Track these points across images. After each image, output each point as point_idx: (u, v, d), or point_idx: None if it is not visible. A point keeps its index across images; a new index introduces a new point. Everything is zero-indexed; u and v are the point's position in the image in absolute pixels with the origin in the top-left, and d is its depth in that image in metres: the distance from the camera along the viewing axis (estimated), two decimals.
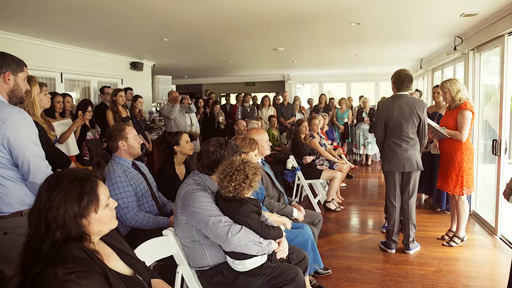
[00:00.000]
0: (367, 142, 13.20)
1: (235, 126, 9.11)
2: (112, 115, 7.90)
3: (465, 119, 5.63)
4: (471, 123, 5.71)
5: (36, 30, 7.25)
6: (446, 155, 5.91)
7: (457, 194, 5.80)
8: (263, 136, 5.16)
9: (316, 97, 15.39)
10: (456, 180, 5.76)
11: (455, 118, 5.73)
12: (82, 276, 1.81)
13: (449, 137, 5.76)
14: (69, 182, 1.97)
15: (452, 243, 5.94)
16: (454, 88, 5.75)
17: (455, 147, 5.76)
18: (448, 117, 5.90)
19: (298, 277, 3.28)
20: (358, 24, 7.07)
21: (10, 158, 3.00)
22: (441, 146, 6.03)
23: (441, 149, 6.05)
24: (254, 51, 10.74)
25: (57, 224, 1.90)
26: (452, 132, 5.73)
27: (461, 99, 5.72)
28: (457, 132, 5.69)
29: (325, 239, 6.34)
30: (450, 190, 5.84)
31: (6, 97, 3.12)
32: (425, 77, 12.70)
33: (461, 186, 5.76)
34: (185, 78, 18.98)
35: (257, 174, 3.18)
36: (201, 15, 6.34)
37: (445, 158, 5.93)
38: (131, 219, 4.01)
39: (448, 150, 5.85)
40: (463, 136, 5.66)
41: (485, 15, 6.37)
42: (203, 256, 3.30)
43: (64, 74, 9.05)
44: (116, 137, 4.26)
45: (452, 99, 5.79)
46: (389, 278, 5.01)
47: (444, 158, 5.96)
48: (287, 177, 8.16)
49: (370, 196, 9.53)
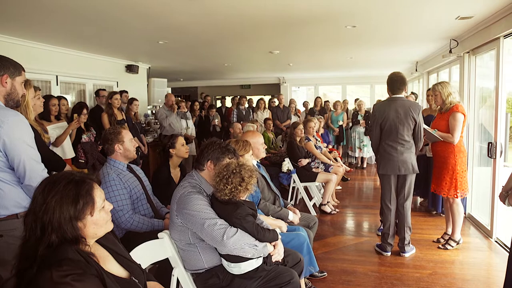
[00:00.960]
0: (363, 145, 13.19)
1: (231, 129, 9.10)
2: (108, 118, 7.89)
3: (457, 121, 5.66)
4: (463, 125, 5.74)
5: (32, 33, 7.25)
6: (439, 158, 5.93)
7: (452, 197, 5.80)
8: (258, 138, 5.16)
9: (312, 99, 15.39)
10: (450, 183, 5.78)
11: (447, 121, 5.76)
12: (77, 278, 1.81)
13: (441, 140, 5.79)
14: (65, 185, 1.97)
15: (448, 246, 5.95)
16: (445, 91, 5.81)
17: (448, 150, 5.80)
18: (439, 120, 5.93)
19: (293, 280, 3.28)
20: (354, 27, 7.08)
21: (6, 160, 3.00)
22: (434, 149, 6.05)
23: (434, 152, 6.07)
24: (250, 54, 10.75)
25: (52, 227, 1.90)
26: (444, 135, 5.75)
27: (451, 102, 5.77)
28: (449, 134, 5.72)
29: (321, 242, 6.34)
30: (444, 193, 5.86)
31: (3, 100, 3.13)
32: (421, 80, 12.75)
33: (455, 189, 5.77)
34: (180, 81, 18.99)
35: (253, 177, 3.19)
36: (196, 17, 6.34)
37: (438, 161, 5.95)
38: (126, 222, 4.00)
39: (441, 153, 5.88)
40: (454, 138, 5.69)
41: (481, 18, 6.39)
42: (199, 259, 3.29)
43: (59, 77, 9.03)
44: (112, 140, 4.25)
45: (443, 102, 5.84)
46: (384, 281, 5.01)
47: (437, 161, 5.98)
48: (283, 179, 8.17)
49: (365, 199, 9.53)
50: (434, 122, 6.06)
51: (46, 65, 8.54)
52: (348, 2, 5.58)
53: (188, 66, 13.48)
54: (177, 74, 16.22)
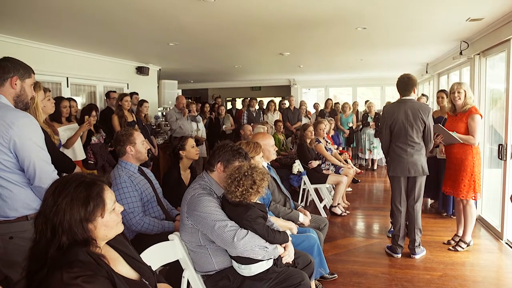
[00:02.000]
0: (373, 146, 13.14)
1: (241, 131, 9.10)
2: (118, 119, 7.91)
3: (476, 123, 5.64)
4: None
5: (42, 35, 7.29)
6: (455, 160, 5.86)
7: (470, 198, 5.77)
8: (269, 140, 5.16)
9: (322, 101, 15.35)
10: (469, 185, 5.74)
11: (465, 123, 5.73)
12: (88, 280, 1.82)
13: (459, 142, 5.73)
14: (75, 187, 1.98)
15: (458, 248, 5.92)
16: (469, 92, 5.80)
17: (466, 151, 5.75)
18: (455, 121, 5.87)
19: (304, 282, 3.27)
20: (364, 28, 7.07)
21: (16, 162, 3.01)
22: (449, 151, 5.98)
23: (449, 154, 6.00)
24: (260, 55, 10.75)
25: (63, 229, 1.91)
26: (464, 137, 5.70)
27: (470, 104, 5.76)
28: (470, 136, 5.68)
29: (331, 244, 6.33)
30: (463, 195, 5.78)
31: (12, 101, 3.14)
32: (431, 81, 12.68)
33: (474, 191, 5.74)
34: (191, 83, 19.02)
35: (265, 180, 3.19)
36: (206, 19, 6.36)
37: (455, 164, 5.88)
38: (137, 224, 4.02)
39: (458, 155, 5.81)
40: (475, 140, 5.67)
41: (491, 20, 6.37)
42: (209, 260, 3.30)
43: (70, 79, 9.08)
44: (124, 141, 4.27)
45: (463, 103, 5.79)
46: (395, 282, 4.99)
47: (453, 164, 5.91)
48: (293, 181, 8.16)
49: (376, 201, 9.52)
50: (448, 124, 5.98)
51: (57, 67, 8.58)
52: (359, 4, 5.57)
53: (198, 68, 13.49)
54: (187, 76, 16.24)
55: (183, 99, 10.17)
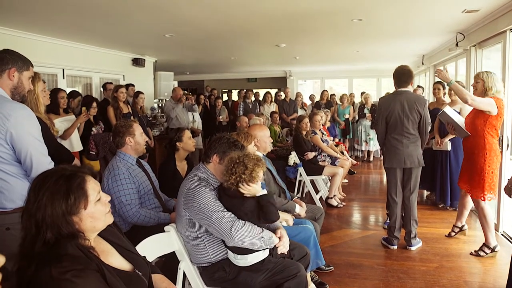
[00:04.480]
0: (369, 138, 13.14)
1: (237, 123, 9.09)
2: (113, 111, 7.89)
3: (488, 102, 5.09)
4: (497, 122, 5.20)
5: (38, 26, 7.28)
6: (468, 155, 5.54)
7: (478, 199, 5.32)
8: (265, 132, 5.15)
9: (318, 93, 15.35)
10: (478, 183, 5.27)
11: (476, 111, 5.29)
12: (78, 274, 1.80)
13: (468, 135, 5.41)
14: (55, 181, 1.95)
15: (481, 253, 5.55)
16: (490, 81, 5.17)
17: (478, 146, 5.27)
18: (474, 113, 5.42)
19: (300, 273, 3.28)
20: (360, 20, 7.07)
21: (12, 153, 3.01)
22: (464, 144, 5.67)
23: (464, 148, 5.71)
24: (256, 47, 10.75)
25: (46, 224, 1.88)
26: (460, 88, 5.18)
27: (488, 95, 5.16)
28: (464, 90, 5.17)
29: (327, 235, 6.34)
30: (475, 195, 5.36)
31: (9, 93, 3.14)
32: (427, 73, 12.71)
33: (482, 191, 5.25)
34: (187, 74, 18.99)
35: (259, 165, 3.19)
36: (202, 10, 6.34)
37: (467, 159, 5.58)
38: (133, 216, 4.02)
39: (470, 150, 5.43)
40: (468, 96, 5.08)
41: (487, 11, 6.37)
42: (205, 252, 3.31)
43: (66, 70, 9.09)
44: (123, 133, 4.28)
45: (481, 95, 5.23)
46: (391, 274, 5.01)
47: (466, 159, 5.62)
48: (289, 173, 8.17)
49: (372, 192, 9.55)
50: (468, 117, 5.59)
51: (53, 58, 8.59)
52: None
53: (194, 60, 13.51)
54: (183, 68, 16.23)
55: (180, 90, 10.19)
